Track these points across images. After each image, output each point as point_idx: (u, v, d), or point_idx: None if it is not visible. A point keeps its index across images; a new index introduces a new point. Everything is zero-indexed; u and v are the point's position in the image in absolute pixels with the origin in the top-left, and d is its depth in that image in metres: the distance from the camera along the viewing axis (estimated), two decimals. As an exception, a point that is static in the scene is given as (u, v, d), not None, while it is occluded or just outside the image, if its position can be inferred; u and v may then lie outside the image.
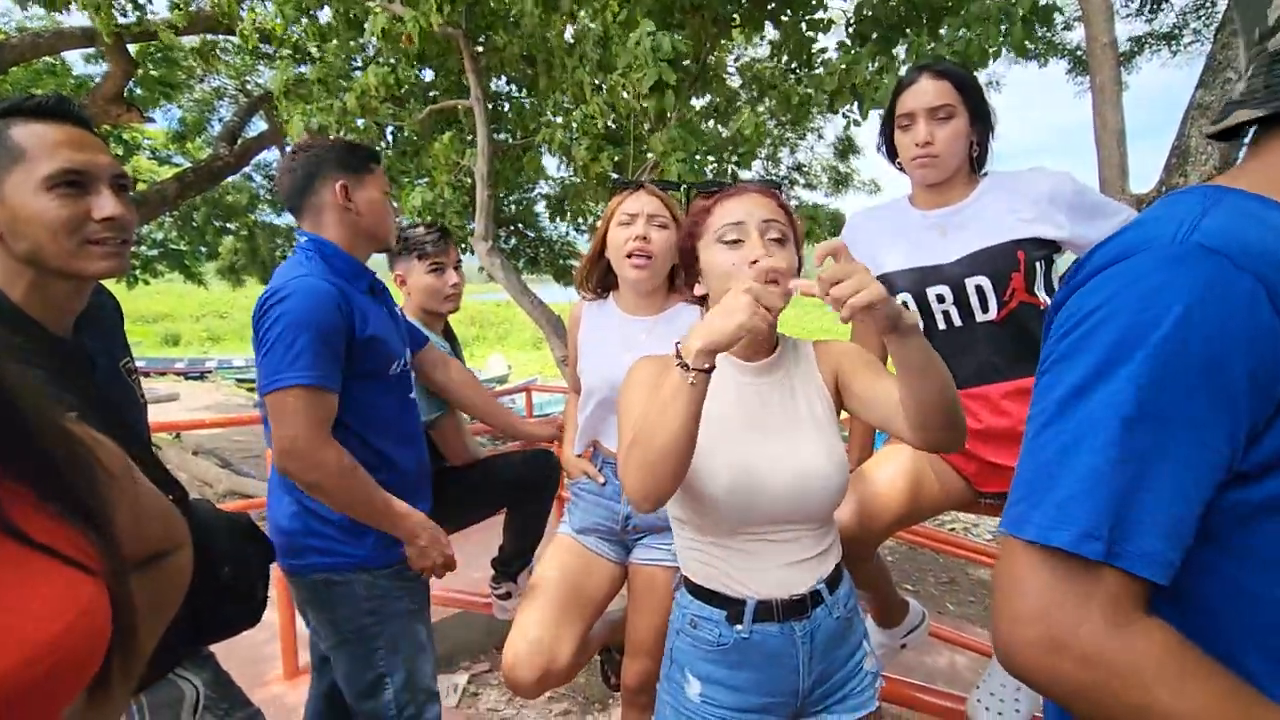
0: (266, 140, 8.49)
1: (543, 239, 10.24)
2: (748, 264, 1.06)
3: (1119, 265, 0.55)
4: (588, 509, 1.76)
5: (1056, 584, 0.53)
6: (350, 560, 1.49)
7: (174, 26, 5.44)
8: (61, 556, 0.56)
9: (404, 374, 1.62)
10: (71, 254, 0.99)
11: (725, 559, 1.15)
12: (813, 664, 1.15)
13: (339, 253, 1.53)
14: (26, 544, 0.54)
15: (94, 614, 0.57)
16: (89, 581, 0.57)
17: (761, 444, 1.14)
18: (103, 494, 0.63)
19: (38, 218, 0.97)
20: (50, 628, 0.53)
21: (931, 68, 1.54)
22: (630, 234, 1.59)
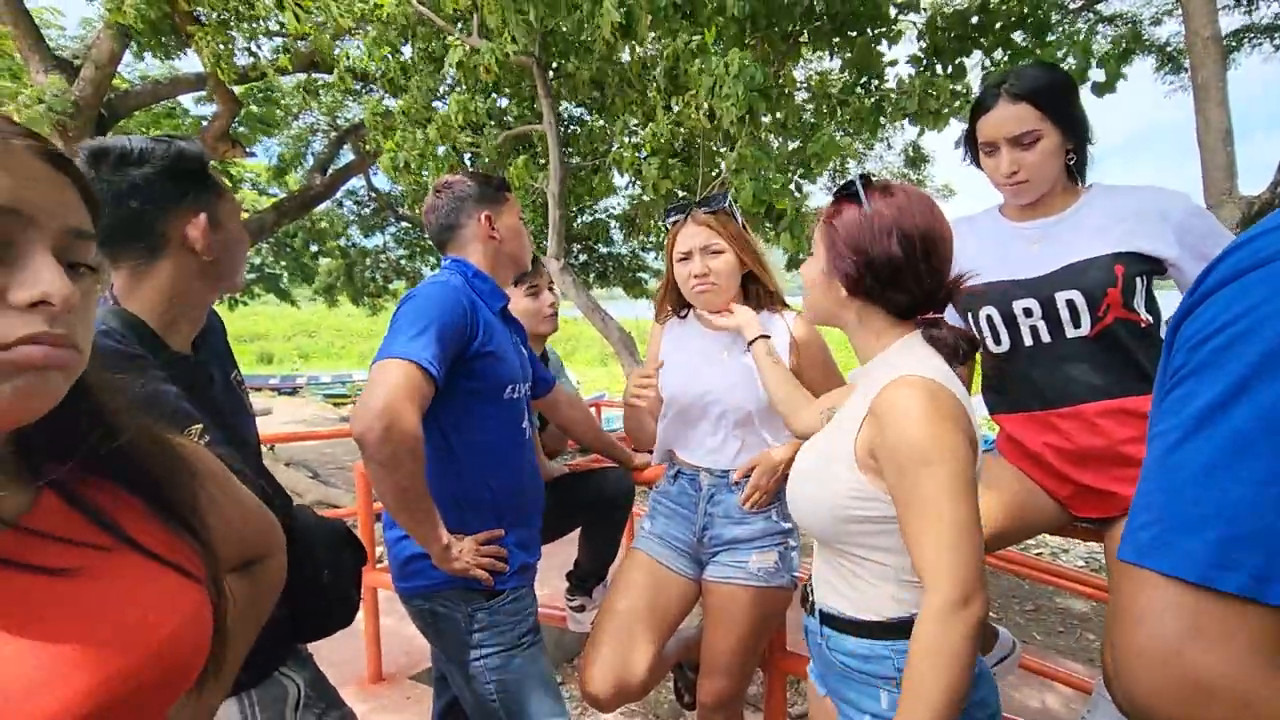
0: (354, 170, 9.05)
1: (613, 255, 10.42)
2: None
3: (1263, 270, 0.50)
4: (665, 519, 1.77)
5: (1200, 622, 0.48)
6: (444, 582, 1.47)
7: (281, 69, 5.89)
8: (170, 564, 0.61)
9: (517, 401, 1.61)
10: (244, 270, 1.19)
11: None
12: (820, 661, 1.21)
13: (479, 272, 1.61)
14: (141, 552, 0.60)
15: (199, 617, 0.62)
16: (193, 586, 0.62)
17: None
18: (200, 503, 0.68)
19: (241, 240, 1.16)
20: (163, 629, 0.57)
21: (1009, 88, 1.43)
22: (689, 270, 1.64)
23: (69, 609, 0.53)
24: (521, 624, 1.52)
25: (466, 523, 1.50)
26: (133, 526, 0.61)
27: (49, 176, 0.52)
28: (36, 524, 0.55)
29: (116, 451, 0.62)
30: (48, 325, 0.49)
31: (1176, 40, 7.06)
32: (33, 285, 0.48)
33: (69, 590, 0.54)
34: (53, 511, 0.57)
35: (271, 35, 5.92)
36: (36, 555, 0.53)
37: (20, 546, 0.53)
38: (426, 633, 1.57)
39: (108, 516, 0.59)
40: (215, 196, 1.12)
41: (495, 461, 1.56)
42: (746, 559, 1.65)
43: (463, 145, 4.95)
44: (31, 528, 0.55)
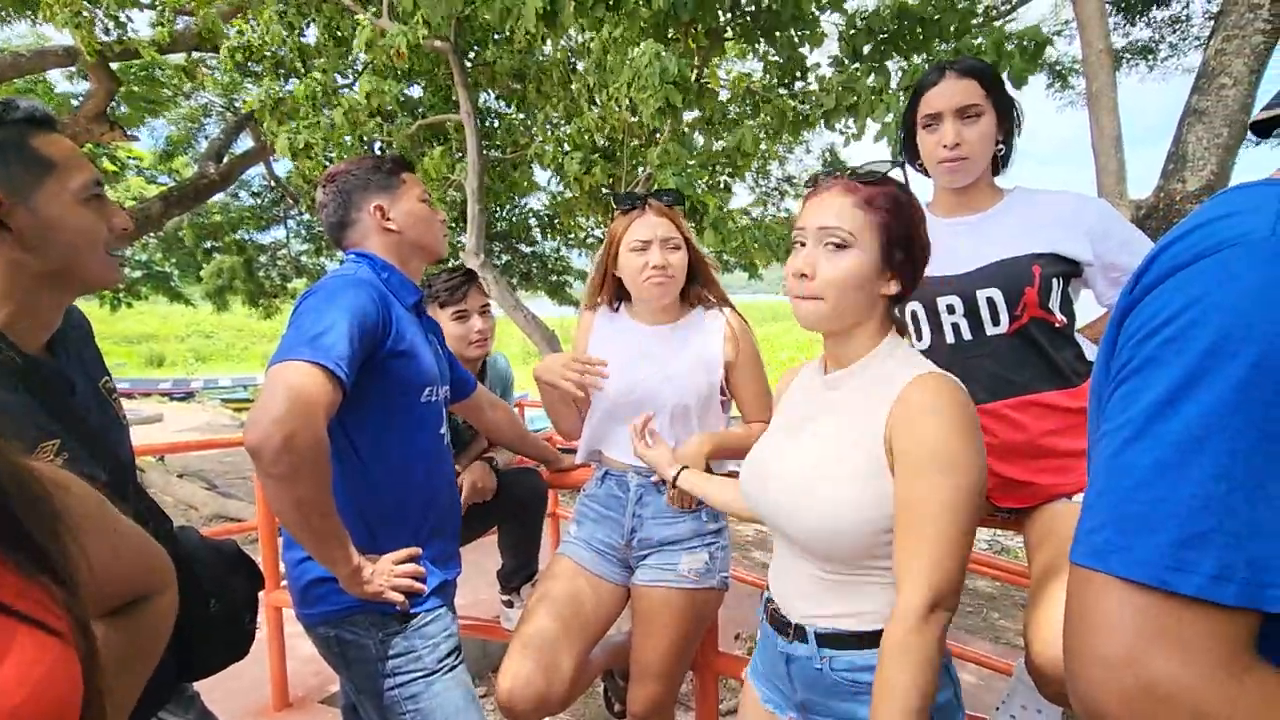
0: (253, 157, 8.44)
1: (535, 255, 10.23)
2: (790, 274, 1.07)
3: (1205, 262, 0.50)
4: (593, 524, 1.70)
5: (1158, 625, 0.47)
6: (353, 607, 1.33)
7: (157, 45, 5.39)
8: (21, 615, 0.50)
9: (434, 404, 1.49)
10: (99, 267, 0.97)
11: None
12: (796, 686, 1.12)
13: (386, 265, 1.46)
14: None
15: (60, 678, 0.51)
16: (53, 641, 0.51)
17: (779, 447, 1.15)
18: (66, 543, 0.56)
19: (76, 229, 0.94)
20: (15, 696, 0.47)
21: (955, 65, 1.48)
22: (646, 260, 1.57)
23: None
24: (441, 646, 1.40)
25: (378, 540, 1.37)
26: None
27: None
28: None
29: None
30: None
31: (1066, 58, 7.63)
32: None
33: None
34: None
35: (143, 6, 5.39)
36: None
37: None
38: (334, 662, 1.43)
39: None
40: (28, 176, 0.92)
41: (410, 472, 1.42)
42: (676, 561, 1.60)
43: (371, 133, 4.68)
44: None
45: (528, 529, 2.28)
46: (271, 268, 10.84)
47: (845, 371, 1.10)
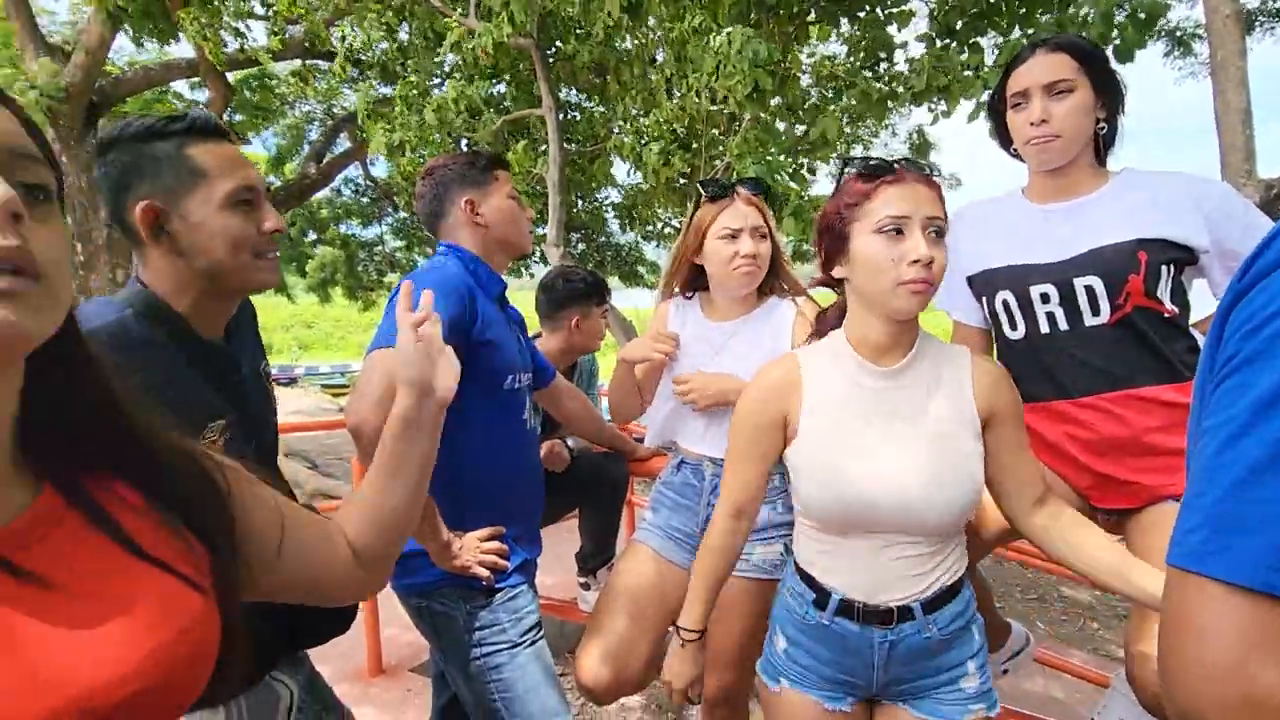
0: (350, 157, 8.95)
1: (611, 244, 10.37)
2: (908, 261, 1.04)
3: None
4: (669, 511, 1.73)
5: (1261, 631, 0.44)
6: (442, 580, 1.42)
7: (271, 52, 5.80)
8: (171, 570, 0.57)
9: (518, 391, 1.56)
10: (246, 269, 1.03)
11: (822, 548, 1.18)
12: (890, 667, 1.16)
13: (474, 258, 1.54)
14: (138, 555, 0.56)
15: (200, 627, 0.58)
16: (198, 597, 0.58)
17: (864, 450, 1.13)
18: (221, 515, 0.64)
19: (222, 234, 1.00)
20: (159, 635, 0.54)
21: (1047, 42, 1.39)
22: (736, 249, 1.58)
23: (57, 615, 0.49)
24: (523, 620, 1.47)
25: (465, 519, 1.44)
26: (135, 528, 0.57)
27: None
28: (32, 524, 0.52)
29: (123, 448, 0.59)
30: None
31: (1186, 24, 6.96)
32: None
33: (60, 595, 0.50)
34: (51, 510, 0.54)
35: (259, 17, 5.81)
36: (29, 557, 0.50)
37: (19, 541, 0.50)
38: (424, 631, 1.52)
39: (108, 517, 0.56)
40: (181, 185, 1.00)
41: (495, 454, 1.50)
42: (751, 551, 1.60)
43: (459, 130, 4.87)
44: (26, 528, 0.51)
45: (607, 513, 2.34)
46: (370, 263, 11.49)
47: (904, 363, 1.15)
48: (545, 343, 2.29)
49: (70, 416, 0.56)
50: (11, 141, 0.50)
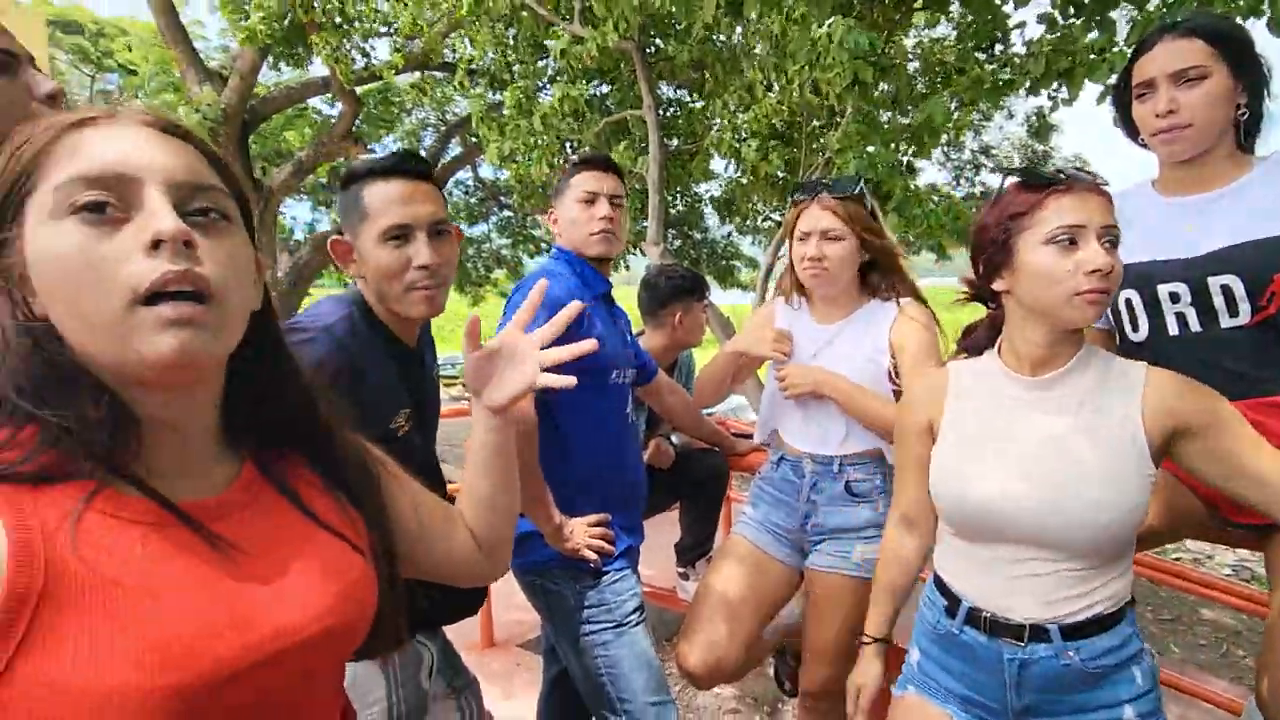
0: (462, 161, 9.47)
1: (707, 240, 10.36)
2: (1085, 271, 1.01)
3: None
4: (768, 506, 1.77)
5: None
6: (553, 560, 1.53)
7: (394, 67, 6.25)
8: (340, 535, 0.69)
9: (621, 387, 1.65)
10: (398, 297, 1.18)
11: (958, 554, 1.17)
12: (1023, 691, 1.10)
13: (579, 259, 1.67)
14: (316, 523, 0.68)
15: (363, 586, 0.69)
16: (358, 558, 0.70)
17: (990, 457, 1.12)
18: (376, 494, 0.76)
19: (376, 266, 1.15)
20: (330, 588, 0.65)
21: (1175, 26, 1.30)
22: (804, 252, 1.62)
23: (252, 569, 0.60)
24: (627, 603, 1.57)
25: (574, 505, 1.55)
26: (311, 499, 0.69)
27: (156, 140, 0.57)
28: (236, 495, 0.64)
29: (308, 436, 0.71)
30: (172, 262, 0.53)
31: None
32: (147, 226, 0.53)
33: (253, 553, 0.61)
34: (250, 484, 0.66)
35: (382, 35, 6.29)
36: (233, 519, 0.62)
37: (220, 512, 0.61)
38: (537, 606, 1.65)
39: (293, 491, 0.68)
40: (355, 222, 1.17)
41: (601, 446, 1.61)
42: (850, 549, 1.62)
43: (565, 133, 5.06)
44: (231, 498, 0.63)
45: (707, 507, 2.41)
46: (477, 259, 12.09)
47: (1060, 373, 1.10)
48: (648, 340, 2.38)
49: (268, 407, 0.68)
50: (192, 177, 0.58)
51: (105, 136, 0.55)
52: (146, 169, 0.55)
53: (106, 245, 0.53)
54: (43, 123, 0.56)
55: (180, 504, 0.58)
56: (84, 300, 0.53)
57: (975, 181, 9.18)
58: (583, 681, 1.58)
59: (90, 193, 0.53)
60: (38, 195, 0.54)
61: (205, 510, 0.60)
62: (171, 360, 0.53)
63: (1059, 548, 1.06)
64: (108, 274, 0.52)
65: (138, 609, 0.52)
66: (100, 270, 0.52)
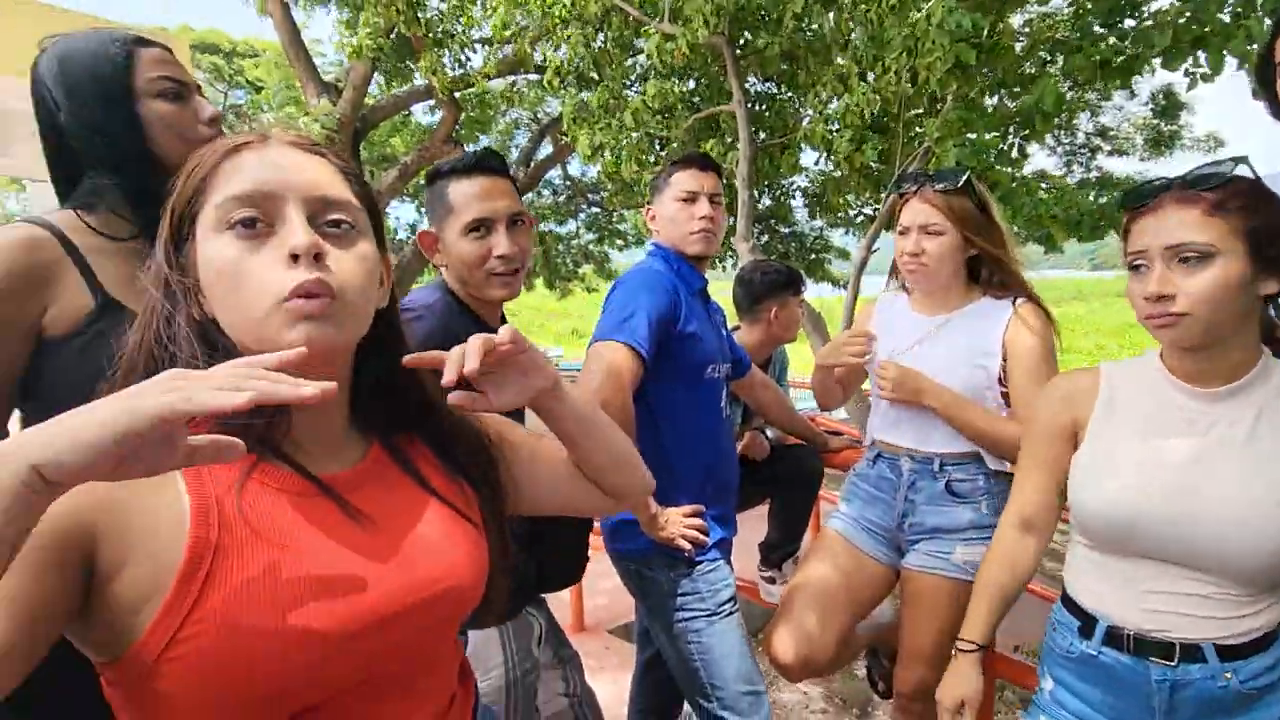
0: (553, 160, 9.74)
1: (796, 234, 10.17)
2: (1141, 298, 0.98)
3: None
4: (863, 503, 1.75)
5: None
6: (649, 548, 1.58)
7: (487, 75, 6.53)
8: (455, 508, 0.76)
9: (716, 381, 1.68)
10: (480, 283, 1.31)
11: (1094, 568, 1.12)
12: (1173, 716, 1.05)
13: (676, 256, 1.72)
14: (435, 496, 0.75)
15: (474, 554, 0.76)
16: (472, 528, 0.77)
17: (1166, 475, 1.04)
18: (487, 466, 0.83)
19: (460, 256, 1.28)
20: (444, 555, 0.72)
21: None
22: (903, 246, 1.59)
23: (377, 537, 0.68)
24: (720, 593, 1.60)
25: (669, 496, 1.59)
26: (429, 474, 0.77)
27: (298, 159, 0.66)
28: (364, 471, 0.72)
29: (423, 415, 0.79)
30: (307, 272, 0.61)
31: None
32: (285, 242, 0.62)
33: (380, 520, 0.69)
34: (376, 460, 0.74)
35: (478, 45, 6.58)
36: (363, 491, 0.70)
37: (353, 484, 0.70)
38: (633, 591, 1.72)
39: (414, 466, 0.76)
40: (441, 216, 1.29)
41: (695, 438, 1.65)
42: (950, 550, 1.58)
43: (654, 130, 5.12)
44: (360, 474, 0.72)
45: (799, 504, 2.40)
46: (566, 255, 12.40)
47: (1236, 385, 1.03)
48: (745, 335, 2.40)
49: (390, 393, 0.76)
50: (325, 191, 0.66)
51: (256, 159, 0.65)
52: (288, 187, 0.64)
53: (256, 256, 0.62)
54: (210, 148, 0.66)
55: (320, 477, 0.67)
56: (239, 302, 0.62)
57: (1090, 166, 8.51)
58: (676, 666, 1.63)
59: (243, 210, 0.62)
60: (205, 211, 0.64)
61: (340, 482, 0.68)
62: (302, 344, 0.61)
63: (1218, 572, 1.00)
64: (256, 281, 0.61)
65: (287, 564, 0.61)
66: (251, 278, 0.62)
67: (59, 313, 0.99)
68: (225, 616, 0.57)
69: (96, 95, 1.03)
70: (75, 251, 1.01)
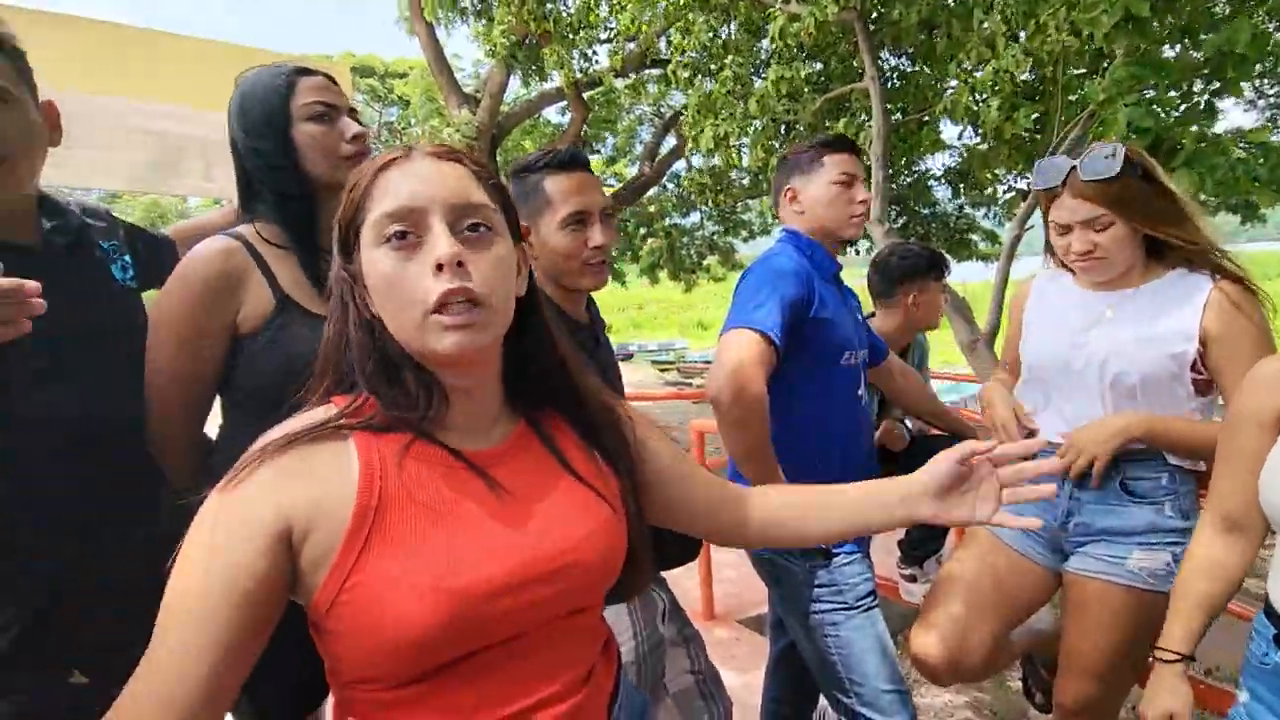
0: (677, 154, 9.79)
1: (936, 215, 9.54)
2: None
3: None
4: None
5: None
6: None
7: (614, 71, 6.68)
8: (591, 486, 0.80)
9: (853, 368, 1.64)
10: (575, 274, 1.37)
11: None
12: None
13: (810, 242, 1.68)
14: (572, 474, 0.80)
15: (609, 530, 0.79)
16: (606, 507, 0.80)
17: None
18: (626, 449, 0.87)
19: (555, 247, 1.32)
20: (578, 531, 0.76)
21: None
22: (1067, 245, 1.45)
23: (517, 508, 0.74)
24: (859, 587, 1.56)
25: (804, 483, 1.57)
26: (569, 453, 0.82)
27: (439, 169, 0.72)
28: (511, 446, 0.79)
29: (566, 395, 0.85)
30: (451, 281, 0.67)
31: None
32: (431, 254, 0.68)
33: (521, 495, 0.75)
34: (521, 437, 0.81)
35: (603, 41, 6.73)
36: (507, 467, 0.76)
37: (497, 459, 0.76)
38: (767, 581, 1.71)
39: (555, 444, 0.82)
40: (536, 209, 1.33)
41: (833, 425, 1.61)
42: (1126, 555, 1.43)
43: (781, 116, 5.00)
44: (507, 449, 0.78)
45: None
46: (690, 247, 12.45)
47: None
48: (880, 322, 2.30)
49: (534, 374, 0.82)
50: (463, 198, 0.71)
51: (402, 175, 0.71)
52: (431, 200, 0.70)
53: (408, 268, 0.69)
54: (365, 166, 0.74)
55: (468, 454, 0.74)
56: (397, 308, 0.70)
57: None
58: (813, 659, 1.61)
59: (394, 226, 0.69)
60: (365, 226, 0.72)
61: (486, 458, 0.75)
62: (453, 354, 0.69)
63: None
64: (409, 290, 0.69)
65: (438, 529, 0.69)
66: (405, 287, 0.69)
67: (249, 312, 1.15)
68: (380, 574, 0.65)
69: (261, 122, 1.19)
70: (259, 258, 1.17)
